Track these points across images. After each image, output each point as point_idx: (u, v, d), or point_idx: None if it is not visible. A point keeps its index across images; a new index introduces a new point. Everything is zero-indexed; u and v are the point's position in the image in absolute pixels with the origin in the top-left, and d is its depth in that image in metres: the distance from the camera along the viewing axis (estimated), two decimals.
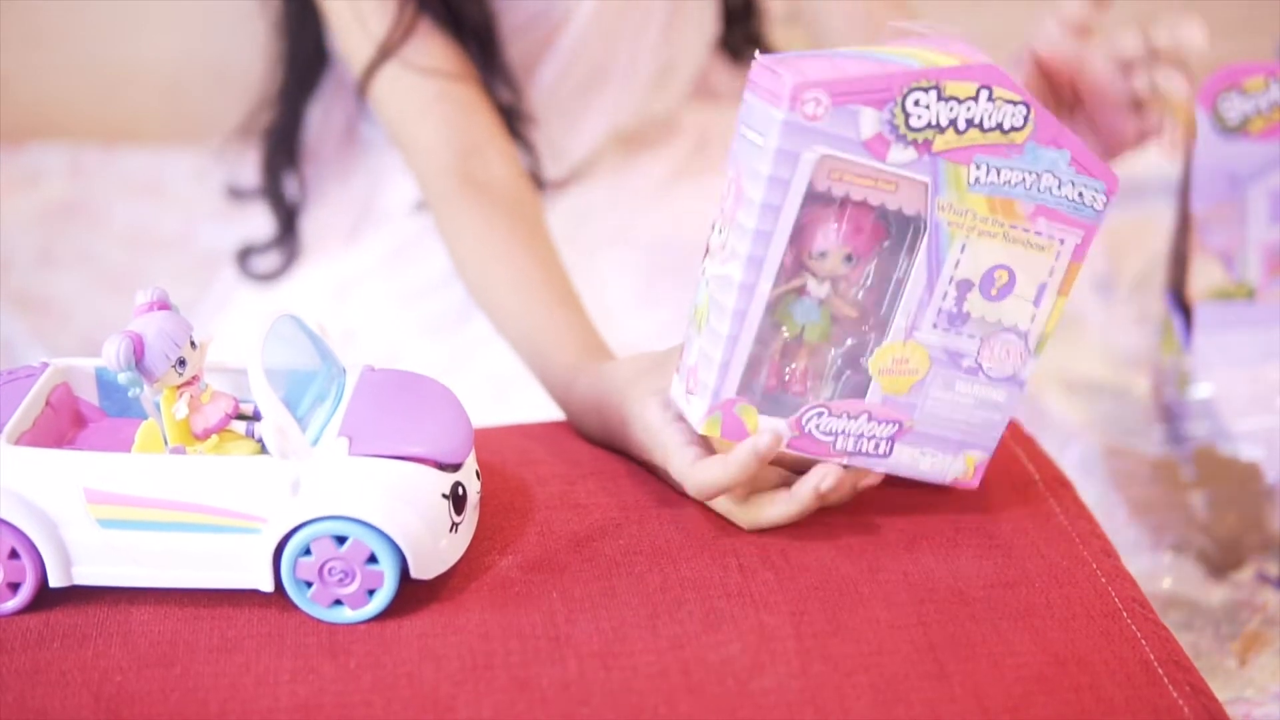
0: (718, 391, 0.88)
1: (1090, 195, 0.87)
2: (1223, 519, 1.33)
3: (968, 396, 0.91)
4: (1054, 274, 0.89)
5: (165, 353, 0.82)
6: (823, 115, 0.82)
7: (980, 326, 0.90)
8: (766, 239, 0.84)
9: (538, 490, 0.97)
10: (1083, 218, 0.88)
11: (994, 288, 0.89)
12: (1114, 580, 0.90)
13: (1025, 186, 0.86)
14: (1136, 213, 1.76)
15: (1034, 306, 0.90)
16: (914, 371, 0.90)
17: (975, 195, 0.86)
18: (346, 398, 0.88)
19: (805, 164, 0.83)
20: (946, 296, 0.88)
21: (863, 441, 0.91)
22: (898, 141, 0.84)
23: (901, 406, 0.91)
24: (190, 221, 1.67)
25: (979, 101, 0.84)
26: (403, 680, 0.81)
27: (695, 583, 0.88)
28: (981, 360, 0.90)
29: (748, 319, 0.86)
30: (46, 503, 0.84)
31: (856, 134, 0.83)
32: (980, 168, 0.85)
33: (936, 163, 0.85)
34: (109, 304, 1.56)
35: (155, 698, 0.80)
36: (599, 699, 0.80)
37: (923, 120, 0.83)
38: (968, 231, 0.87)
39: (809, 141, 0.82)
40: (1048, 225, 0.88)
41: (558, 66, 1.42)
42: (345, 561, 0.84)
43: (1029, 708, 0.80)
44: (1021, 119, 0.84)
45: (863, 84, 0.82)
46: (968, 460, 0.93)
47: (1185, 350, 1.45)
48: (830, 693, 0.81)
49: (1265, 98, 1.38)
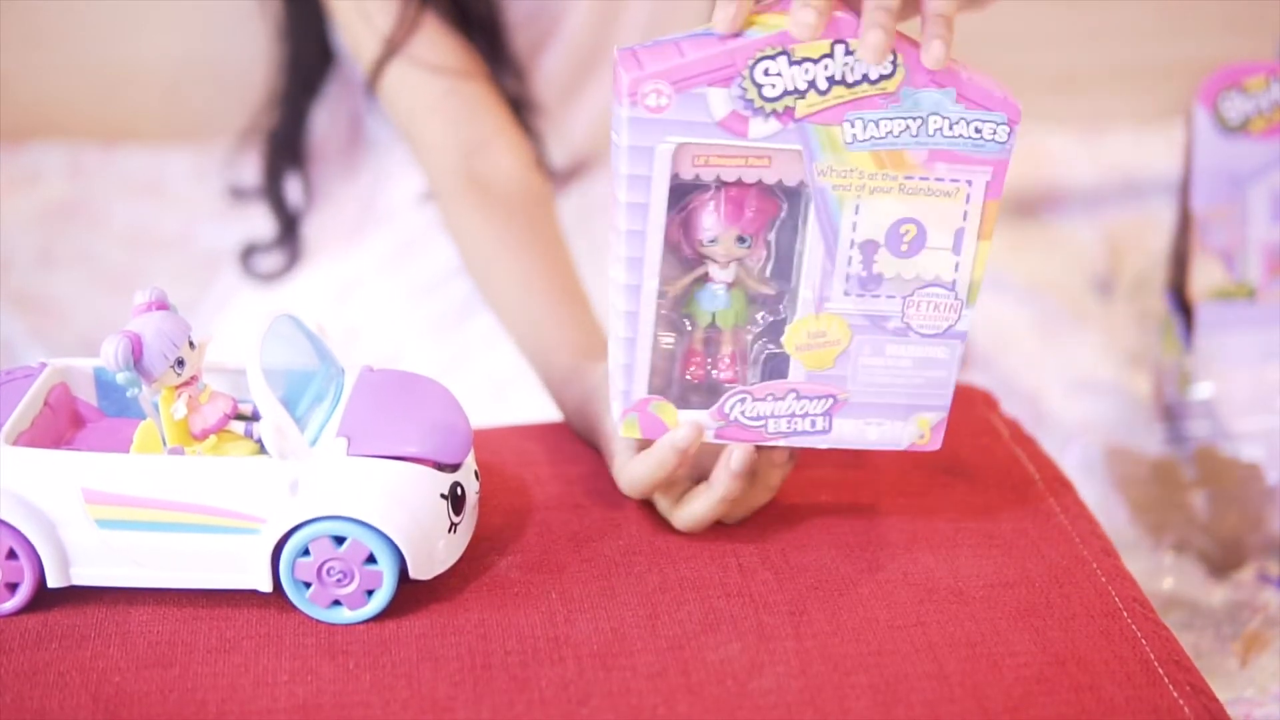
0: (628, 393, 0.88)
1: (990, 129, 0.82)
2: (1223, 519, 1.33)
3: (903, 359, 0.88)
4: (969, 218, 0.84)
5: (164, 353, 0.82)
6: (668, 105, 0.80)
7: (898, 285, 0.86)
8: (640, 238, 0.84)
9: (537, 490, 0.96)
10: (986, 154, 0.83)
11: (902, 244, 0.85)
12: (1114, 580, 0.90)
13: (911, 134, 0.82)
14: (1137, 212, 1.76)
15: (954, 255, 0.85)
16: (835, 343, 0.87)
17: (857, 153, 0.82)
18: (345, 398, 0.88)
19: (661, 157, 0.82)
20: (851, 262, 0.85)
21: (796, 421, 0.89)
22: (755, 115, 0.81)
23: (831, 380, 0.88)
24: (190, 221, 1.67)
25: (835, 58, 0.80)
26: (401, 681, 0.81)
27: (694, 583, 0.88)
28: (909, 320, 0.87)
29: (640, 319, 0.86)
30: (45, 503, 0.84)
31: (709, 116, 0.81)
32: (855, 124, 0.81)
33: (804, 128, 0.81)
34: (108, 304, 1.56)
35: (154, 698, 0.80)
36: (598, 699, 0.80)
37: (778, 89, 0.81)
38: (858, 192, 0.83)
39: (660, 133, 0.81)
40: (948, 169, 0.83)
41: (561, 52, 1.42)
42: (344, 562, 0.84)
43: (1029, 708, 0.80)
44: (890, 66, 0.80)
45: (703, 64, 0.80)
46: (920, 423, 0.90)
47: (1186, 350, 1.45)
48: (830, 693, 0.80)
49: (1266, 97, 1.38)
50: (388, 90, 1.28)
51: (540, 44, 1.42)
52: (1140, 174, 1.80)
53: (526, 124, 1.36)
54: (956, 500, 0.96)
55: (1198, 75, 1.38)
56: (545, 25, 1.41)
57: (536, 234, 1.19)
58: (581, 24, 1.41)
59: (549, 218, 1.22)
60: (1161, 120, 1.84)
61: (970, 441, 1.03)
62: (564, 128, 1.46)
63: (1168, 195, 1.62)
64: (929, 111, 0.82)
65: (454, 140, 1.24)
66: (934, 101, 0.81)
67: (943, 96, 0.81)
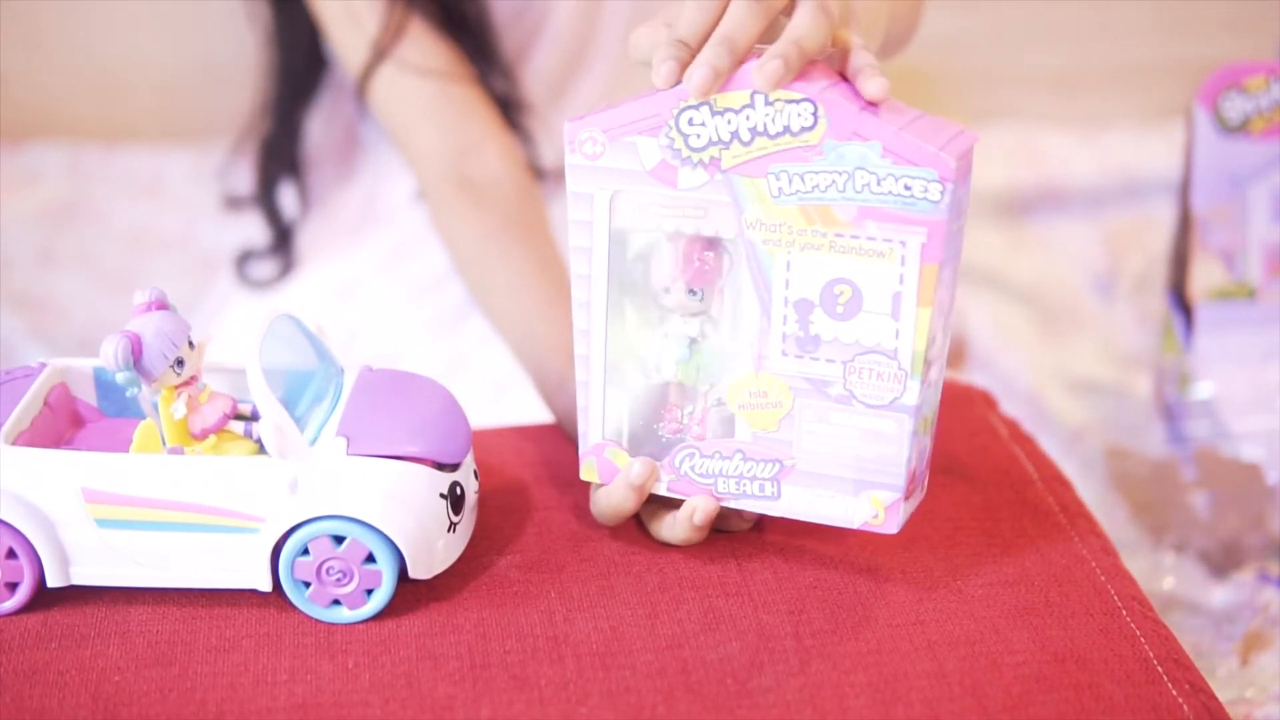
0: (586, 436, 0.89)
1: (920, 186, 0.77)
2: (1223, 519, 1.33)
3: (848, 428, 0.84)
4: (905, 281, 0.80)
5: (163, 352, 0.82)
6: (602, 152, 0.82)
7: (837, 349, 0.83)
8: (585, 281, 0.85)
9: (536, 490, 0.96)
10: (919, 213, 0.78)
11: (838, 305, 0.82)
12: (1113, 578, 0.90)
13: (838, 189, 0.79)
14: (1137, 212, 1.76)
15: (894, 321, 0.81)
16: (776, 405, 0.85)
17: (784, 206, 0.80)
18: (344, 398, 0.88)
19: (600, 203, 0.83)
20: (787, 320, 0.83)
21: (745, 483, 0.87)
22: (684, 165, 0.81)
23: (776, 444, 0.85)
24: (190, 221, 1.67)
25: (756, 108, 0.79)
26: (401, 680, 0.81)
27: (694, 582, 0.88)
28: (852, 388, 0.83)
29: (591, 363, 0.87)
30: (44, 503, 0.84)
31: (640, 165, 0.82)
32: (780, 177, 0.80)
33: (731, 179, 0.81)
34: (108, 304, 1.56)
35: (153, 697, 0.80)
36: (597, 698, 0.80)
37: (702, 139, 0.80)
38: (788, 247, 0.81)
39: (598, 180, 0.83)
40: (879, 228, 0.79)
41: (549, 51, 1.42)
42: (343, 561, 0.84)
43: (1028, 706, 0.80)
44: (810, 117, 0.78)
45: (633, 113, 0.81)
46: (873, 501, 0.85)
47: (1186, 350, 1.45)
48: (829, 691, 0.80)
49: (1266, 97, 1.38)
50: (377, 95, 1.28)
51: (527, 43, 1.42)
52: (1140, 174, 1.79)
53: (516, 124, 1.36)
54: (955, 499, 0.96)
55: (1198, 75, 1.38)
56: (532, 24, 1.41)
57: (528, 235, 1.19)
58: (568, 21, 1.41)
59: (540, 219, 1.22)
60: (1161, 120, 1.84)
61: (969, 441, 1.03)
62: (554, 127, 1.46)
63: (1168, 195, 1.62)
64: (854, 165, 0.79)
65: (444, 143, 1.24)
66: (859, 155, 0.78)
67: (867, 150, 0.78)
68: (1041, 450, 1.03)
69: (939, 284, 0.80)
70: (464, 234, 1.20)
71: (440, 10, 1.29)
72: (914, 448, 0.84)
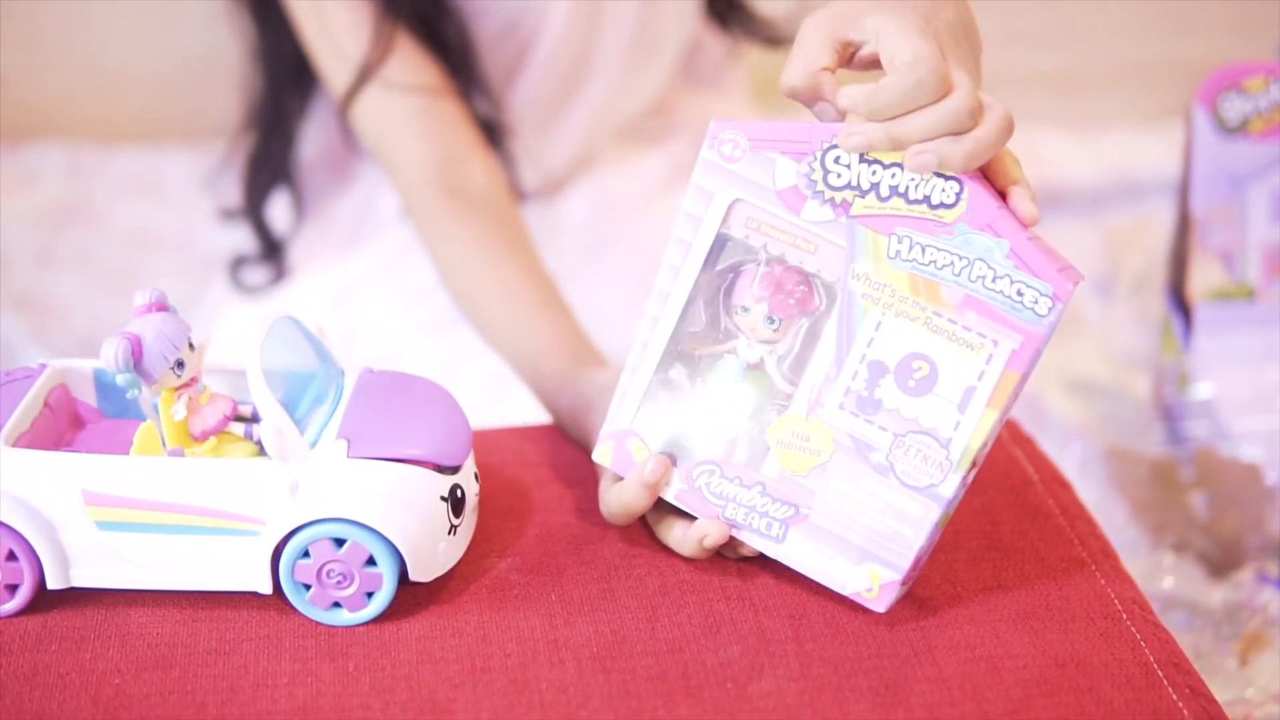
0: (613, 419, 0.89)
1: (1032, 296, 0.79)
2: (1223, 519, 1.33)
3: (875, 498, 0.84)
4: (983, 379, 0.81)
5: (163, 354, 0.82)
6: (740, 158, 0.83)
7: (894, 420, 0.83)
8: (674, 273, 0.86)
9: (536, 493, 0.96)
10: (1022, 320, 0.79)
11: (911, 379, 0.82)
12: (1113, 581, 0.90)
13: (954, 271, 0.80)
14: (1136, 213, 1.76)
15: (958, 412, 0.81)
16: (815, 452, 0.85)
17: (895, 270, 0.81)
18: (345, 400, 0.88)
19: (718, 203, 0.84)
20: (856, 376, 0.83)
21: (754, 516, 0.87)
22: (814, 197, 0.82)
23: (800, 489, 0.85)
24: (189, 222, 1.67)
25: (905, 169, 0.80)
26: (401, 683, 0.81)
27: (694, 585, 0.88)
28: (893, 460, 0.83)
29: (649, 350, 0.87)
30: (44, 505, 0.84)
31: (772, 182, 0.82)
32: (902, 241, 0.81)
33: (854, 226, 0.81)
34: (108, 304, 1.56)
35: (153, 700, 0.80)
36: (597, 702, 0.80)
37: (842, 180, 0.81)
38: (884, 308, 0.82)
39: (725, 182, 0.83)
40: (978, 320, 0.80)
41: (539, 74, 1.42)
42: (344, 564, 0.84)
43: (1028, 710, 0.80)
44: (953, 196, 0.79)
45: (783, 132, 0.82)
46: (871, 575, 0.85)
47: (1185, 350, 1.45)
48: (829, 695, 0.81)
49: (1265, 98, 1.38)
50: (360, 114, 1.28)
51: (515, 66, 1.42)
52: (1139, 174, 1.80)
53: (498, 145, 1.36)
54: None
55: (1197, 76, 1.38)
56: (519, 45, 1.40)
57: (514, 242, 1.19)
58: (561, 45, 1.41)
59: (524, 230, 1.23)
60: (1161, 121, 1.84)
61: None
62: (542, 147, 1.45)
63: (1167, 196, 1.63)
64: (977, 255, 0.80)
65: (429, 155, 1.25)
66: (985, 247, 0.80)
67: (995, 245, 0.79)
68: (1041, 452, 1.03)
69: (1013, 393, 0.81)
70: (450, 242, 1.20)
71: (423, 26, 1.29)
72: (930, 537, 0.84)
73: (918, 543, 0.84)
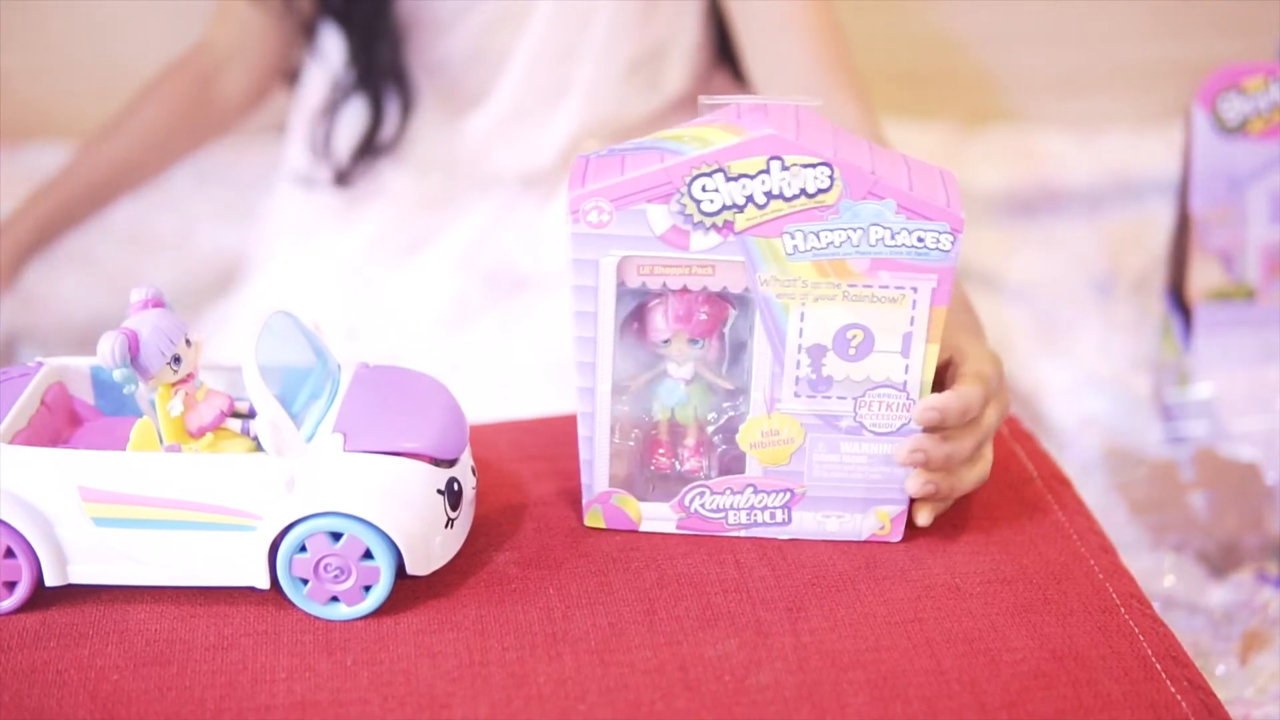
0: (590, 487, 0.91)
1: (933, 238, 0.83)
2: (1222, 519, 1.33)
3: (858, 456, 0.89)
4: (915, 323, 0.85)
5: (160, 350, 0.82)
6: (610, 221, 0.84)
7: (848, 387, 0.87)
8: (591, 344, 0.87)
9: (534, 486, 0.96)
10: (930, 262, 0.83)
11: (850, 348, 0.86)
12: (1111, 576, 0.90)
13: (853, 244, 0.83)
14: (1136, 213, 1.76)
15: (904, 358, 0.86)
16: (789, 440, 0.89)
17: (799, 263, 0.84)
18: (341, 394, 0.88)
19: (606, 269, 0.85)
20: (800, 365, 0.87)
21: (756, 513, 0.91)
22: (696, 229, 0.84)
23: (787, 475, 0.90)
24: (190, 222, 1.67)
25: (771, 173, 0.82)
26: (399, 677, 0.81)
27: (692, 579, 0.88)
28: (862, 419, 0.88)
29: (596, 419, 0.89)
30: (42, 501, 0.84)
31: (650, 231, 0.84)
32: (795, 236, 0.83)
33: (745, 240, 0.84)
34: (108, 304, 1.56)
35: (152, 696, 0.80)
36: (595, 695, 0.80)
37: (716, 204, 0.83)
38: (801, 300, 0.85)
39: (604, 247, 0.85)
40: (891, 277, 0.84)
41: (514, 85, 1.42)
42: (340, 558, 0.84)
43: (1026, 703, 0.80)
44: (826, 179, 0.82)
45: (643, 182, 0.83)
46: (880, 515, 0.91)
47: (1185, 351, 1.45)
48: (827, 689, 0.80)
49: (1265, 98, 1.38)
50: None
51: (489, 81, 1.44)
52: (1139, 175, 1.80)
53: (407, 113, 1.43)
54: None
55: (1196, 76, 1.38)
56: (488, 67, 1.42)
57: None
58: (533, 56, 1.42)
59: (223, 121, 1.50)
60: (1160, 121, 1.85)
61: None
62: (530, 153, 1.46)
63: (1166, 196, 1.63)
64: (870, 222, 0.83)
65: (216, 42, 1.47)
66: (874, 212, 0.83)
67: (881, 208, 0.82)
68: (1041, 449, 1.03)
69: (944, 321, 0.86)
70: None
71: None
72: None
73: (908, 475, 0.89)
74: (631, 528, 0.92)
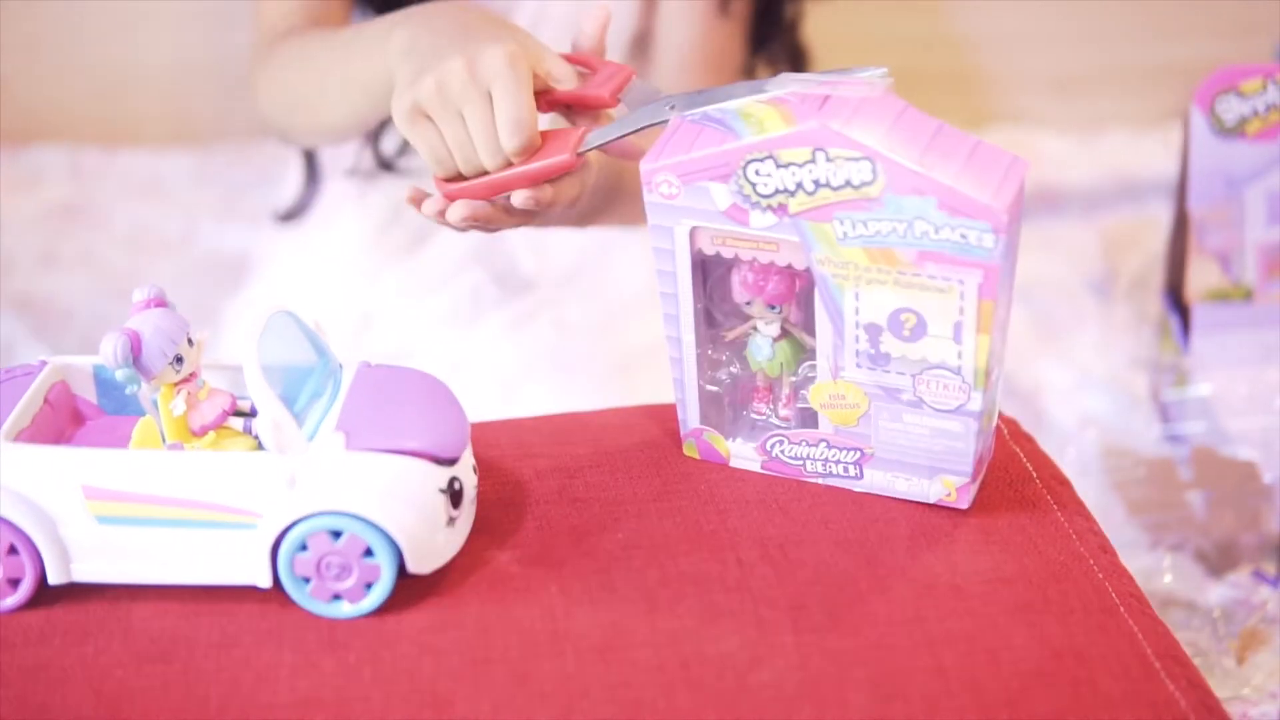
0: (685, 422, 0.97)
1: (976, 236, 0.83)
2: (1220, 519, 1.33)
3: (920, 427, 0.91)
4: (965, 313, 0.86)
5: (162, 349, 0.83)
6: (678, 194, 0.87)
7: (906, 365, 0.89)
8: (673, 300, 0.93)
9: (535, 484, 0.96)
10: (975, 258, 0.84)
11: (904, 330, 0.88)
12: (1111, 575, 0.90)
13: (899, 235, 0.84)
14: (1134, 213, 1.76)
15: (956, 344, 0.87)
16: (854, 405, 0.92)
17: (849, 249, 0.86)
18: (343, 393, 0.88)
19: (680, 236, 0.90)
20: (859, 339, 0.89)
21: (831, 465, 0.95)
22: (754, 208, 0.86)
23: (856, 436, 0.93)
24: (191, 223, 1.67)
25: (818, 163, 0.84)
26: (402, 675, 0.81)
27: (694, 577, 0.88)
28: (921, 394, 0.90)
29: (684, 365, 0.95)
30: (45, 500, 0.84)
31: (714, 206, 0.87)
32: (844, 223, 0.85)
33: (798, 223, 0.86)
34: (110, 305, 1.57)
35: (155, 693, 0.80)
36: (597, 693, 0.80)
37: (770, 187, 0.85)
38: (855, 281, 0.87)
39: (675, 216, 0.89)
40: (938, 269, 0.85)
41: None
42: (342, 556, 0.84)
43: (1026, 702, 0.80)
44: (869, 173, 0.83)
45: (705, 162, 0.86)
46: (945, 483, 0.93)
47: (1183, 351, 1.45)
48: (828, 687, 0.81)
49: (1262, 99, 1.38)
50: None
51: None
52: (1137, 176, 1.80)
53: None
54: None
55: (1194, 77, 1.38)
56: None
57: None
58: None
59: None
60: (1158, 122, 1.85)
61: None
62: None
63: (1165, 197, 1.63)
64: (913, 216, 0.84)
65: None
66: (916, 208, 0.83)
67: (923, 204, 0.83)
68: (1040, 449, 1.03)
69: (996, 311, 0.86)
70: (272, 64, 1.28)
71: None
72: (980, 441, 0.91)
73: (970, 451, 0.91)
74: (721, 461, 0.97)
